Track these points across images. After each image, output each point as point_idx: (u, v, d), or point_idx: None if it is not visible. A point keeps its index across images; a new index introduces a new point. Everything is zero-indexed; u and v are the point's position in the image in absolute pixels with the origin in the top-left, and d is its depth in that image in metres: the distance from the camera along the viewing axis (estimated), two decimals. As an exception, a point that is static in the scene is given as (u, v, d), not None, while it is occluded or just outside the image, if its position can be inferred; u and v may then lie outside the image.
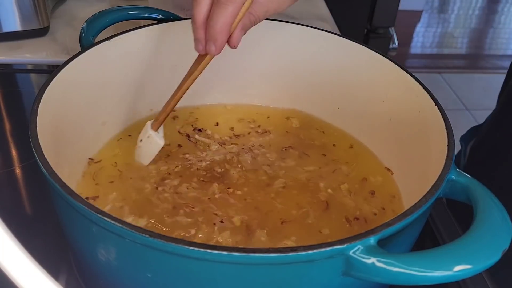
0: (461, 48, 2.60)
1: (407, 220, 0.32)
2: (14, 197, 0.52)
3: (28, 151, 0.35)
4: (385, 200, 0.47)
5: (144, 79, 0.53)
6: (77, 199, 0.31)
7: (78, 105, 0.46)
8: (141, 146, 0.47)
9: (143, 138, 0.47)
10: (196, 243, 0.29)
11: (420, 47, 2.56)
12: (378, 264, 0.29)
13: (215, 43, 0.41)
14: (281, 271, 0.30)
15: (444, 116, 0.42)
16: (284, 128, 0.55)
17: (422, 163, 0.43)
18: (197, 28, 0.42)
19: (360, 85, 0.53)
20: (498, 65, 2.44)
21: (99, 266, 0.35)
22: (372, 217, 0.45)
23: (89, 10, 0.81)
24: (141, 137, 0.47)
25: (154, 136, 0.47)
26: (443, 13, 2.89)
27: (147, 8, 0.55)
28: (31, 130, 0.37)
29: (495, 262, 0.29)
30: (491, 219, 0.31)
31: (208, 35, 0.41)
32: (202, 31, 0.42)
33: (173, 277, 0.32)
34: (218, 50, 0.42)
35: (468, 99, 2.12)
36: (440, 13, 2.88)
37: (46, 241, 0.46)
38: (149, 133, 0.47)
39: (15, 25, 0.72)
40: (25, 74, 0.72)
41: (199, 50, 0.43)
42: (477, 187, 0.35)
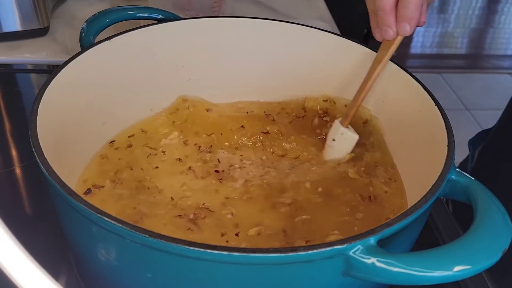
0: (461, 48, 2.60)
1: (407, 220, 0.32)
2: (14, 197, 0.52)
3: (28, 151, 0.35)
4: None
5: (144, 79, 0.53)
6: (77, 199, 0.31)
7: (78, 105, 0.46)
8: (335, 145, 0.49)
9: (335, 137, 0.49)
10: (196, 243, 0.29)
11: (420, 47, 2.56)
12: (378, 264, 0.29)
13: (410, 22, 0.43)
14: (281, 271, 0.30)
15: (444, 116, 0.42)
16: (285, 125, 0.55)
17: (422, 163, 0.43)
18: (387, 15, 0.44)
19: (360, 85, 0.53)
20: (498, 65, 2.44)
21: (99, 266, 0.35)
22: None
23: (89, 10, 0.81)
24: (333, 136, 0.49)
25: (348, 132, 0.49)
26: (443, 13, 2.89)
27: (147, 8, 0.55)
28: (31, 130, 0.37)
29: (495, 262, 0.29)
30: (491, 219, 0.31)
31: (401, 16, 0.43)
32: (392, 16, 0.44)
33: (173, 277, 0.32)
34: (413, 28, 0.44)
35: (468, 99, 2.12)
36: (440, 13, 2.88)
37: (46, 241, 0.46)
38: (342, 130, 0.49)
39: (15, 25, 0.72)
40: (25, 74, 0.72)
41: (389, 36, 0.45)
42: (477, 187, 0.35)
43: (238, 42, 0.56)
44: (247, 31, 0.55)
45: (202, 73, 0.57)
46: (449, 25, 2.77)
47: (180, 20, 0.54)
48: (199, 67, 0.56)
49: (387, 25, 0.44)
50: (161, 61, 0.54)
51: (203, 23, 0.55)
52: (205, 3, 0.72)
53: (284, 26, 0.55)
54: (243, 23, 0.55)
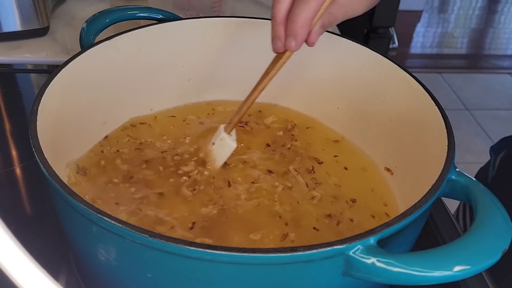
0: (461, 48, 2.60)
1: (407, 220, 0.32)
2: (14, 197, 0.52)
3: (28, 151, 0.35)
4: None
5: (144, 79, 0.53)
6: (77, 199, 0.31)
7: (78, 105, 0.46)
8: (214, 149, 0.47)
9: (215, 141, 0.47)
10: (196, 243, 0.29)
11: (420, 47, 2.56)
12: (378, 264, 0.29)
13: (295, 38, 0.41)
14: (281, 271, 0.30)
15: (444, 116, 0.42)
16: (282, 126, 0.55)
17: (422, 163, 0.43)
18: (277, 25, 0.42)
19: (360, 85, 0.53)
20: (498, 65, 2.44)
21: (99, 266, 0.35)
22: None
23: (89, 10, 0.81)
24: (214, 140, 0.47)
25: (226, 139, 0.46)
26: (443, 13, 2.89)
27: (147, 8, 0.55)
28: (31, 130, 0.37)
29: (495, 262, 0.29)
30: (491, 219, 0.31)
31: (288, 30, 0.41)
32: (282, 27, 0.42)
33: (173, 277, 0.32)
34: (298, 45, 0.41)
35: (468, 99, 2.12)
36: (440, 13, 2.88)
37: (46, 241, 0.46)
38: (222, 136, 0.46)
39: (15, 25, 0.72)
40: (25, 74, 0.72)
41: (278, 48, 0.43)
42: (477, 187, 0.35)
43: (238, 42, 0.56)
44: (247, 31, 0.55)
45: (202, 73, 0.57)
46: (449, 25, 2.78)
47: (180, 20, 0.54)
48: (199, 67, 0.56)
49: (276, 36, 0.42)
50: (161, 61, 0.54)
51: (203, 23, 0.55)
52: (205, 3, 0.72)
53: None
54: (243, 23, 0.55)
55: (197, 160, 0.48)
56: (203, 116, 0.56)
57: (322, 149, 0.53)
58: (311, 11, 0.40)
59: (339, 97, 0.55)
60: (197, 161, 0.48)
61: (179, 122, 0.55)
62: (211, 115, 0.56)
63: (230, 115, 0.50)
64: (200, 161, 0.48)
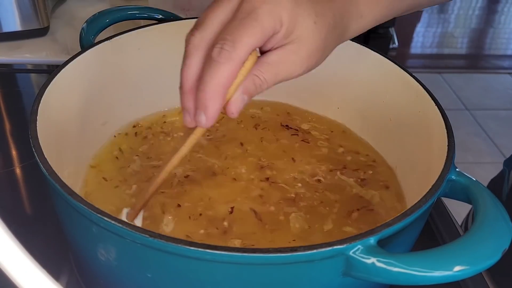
0: (461, 48, 2.60)
1: (407, 220, 0.32)
2: (14, 197, 0.52)
3: (28, 151, 0.35)
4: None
5: (144, 79, 0.53)
6: (77, 199, 0.31)
7: (78, 105, 0.46)
8: None
9: None
10: (196, 243, 0.29)
11: (420, 47, 2.56)
12: (378, 264, 0.29)
13: (205, 111, 0.32)
14: (281, 271, 0.30)
15: (444, 116, 0.42)
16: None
17: (422, 163, 0.43)
18: (185, 94, 0.33)
19: (360, 85, 0.53)
20: (498, 65, 2.44)
21: (99, 266, 0.35)
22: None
23: (89, 10, 0.81)
24: None
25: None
26: (443, 13, 2.89)
27: (147, 8, 0.55)
28: (31, 130, 0.37)
29: (495, 262, 0.29)
30: (491, 220, 0.31)
31: (197, 101, 0.32)
32: (191, 98, 0.33)
33: (173, 277, 0.32)
34: (210, 121, 0.33)
35: (468, 99, 2.12)
36: (440, 13, 2.88)
37: (46, 241, 0.46)
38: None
39: (15, 25, 0.72)
40: (25, 74, 0.72)
41: (186, 122, 0.34)
42: (478, 187, 0.35)
43: (238, 42, 0.56)
44: (247, 31, 0.55)
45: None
46: (449, 25, 2.78)
47: (180, 20, 0.54)
48: (199, 67, 0.56)
49: (184, 108, 0.33)
50: (161, 61, 0.54)
51: (203, 23, 0.54)
52: (205, 3, 0.72)
53: (284, 26, 0.55)
54: (243, 23, 0.55)
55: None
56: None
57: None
58: (223, 78, 0.32)
59: (339, 97, 0.55)
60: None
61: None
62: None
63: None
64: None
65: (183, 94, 0.33)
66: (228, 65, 0.31)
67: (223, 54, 0.31)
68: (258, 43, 0.32)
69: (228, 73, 0.32)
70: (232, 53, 0.31)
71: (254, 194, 0.46)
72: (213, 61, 0.32)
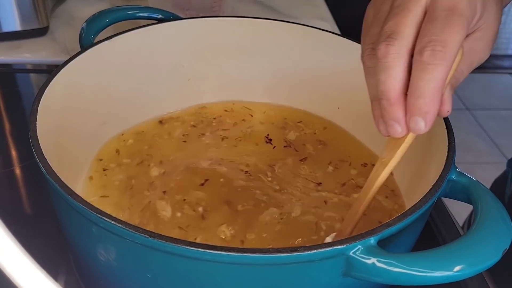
0: (461, 48, 2.60)
1: (407, 220, 0.32)
2: (14, 197, 0.52)
3: (28, 151, 0.35)
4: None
5: (144, 79, 0.53)
6: (77, 199, 0.31)
7: (78, 105, 0.46)
8: None
9: None
10: (196, 243, 0.29)
11: (420, 47, 2.56)
12: (378, 265, 0.29)
13: (425, 117, 0.31)
14: (281, 271, 0.30)
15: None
16: (283, 127, 0.55)
17: (422, 163, 0.43)
18: (393, 105, 0.32)
19: (360, 85, 0.53)
20: (498, 65, 2.44)
21: (99, 266, 0.35)
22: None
23: (89, 10, 0.81)
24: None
25: None
26: (443, 13, 2.88)
27: (147, 8, 0.55)
28: (31, 130, 0.37)
29: (495, 262, 0.29)
30: (491, 219, 0.31)
31: (413, 108, 0.31)
32: (400, 108, 0.32)
33: (173, 277, 0.32)
34: (429, 125, 0.32)
35: (468, 99, 2.12)
36: (440, 13, 2.88)
37: (46, 241, 0.46)
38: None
39: (15, 25, 0.72)
40: (25, 74, 0.72)
41: (397, 133, 0.33)
42: (478, 187, 0.35)
43: (238, 42, 0.56)
44: (247, 31, 0.55)
45: (202, 73, 0.57)
46: (449, 25, 2.77)
47: (180, 20, 0.54)
48: (199, 67, 0.56)
49: (393, 119, 0.32)
50: (161, 61, 0.54)
51: (203, 23, 0.55)
52: (205, 3, 0.72)
53: (284, 26, 0.55)
54: (243, 23, 0.55)
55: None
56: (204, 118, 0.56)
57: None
58: (440, 80, 0.31)
59: (339, 97, 0.55)
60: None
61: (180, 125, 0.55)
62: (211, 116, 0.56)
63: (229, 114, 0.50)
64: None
65: (391, 106, 0.32)
66: (443, 66, 0.31)
67: (437, 56, 0.31)
68: (464, 37, 0.32)
69: (444, 74, 0.31)
70: (447, 53, 0.31)
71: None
72: (427, 64, 0.31)
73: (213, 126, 0.55)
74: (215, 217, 0.42)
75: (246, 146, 0.52)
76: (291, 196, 0.45)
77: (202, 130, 0.54)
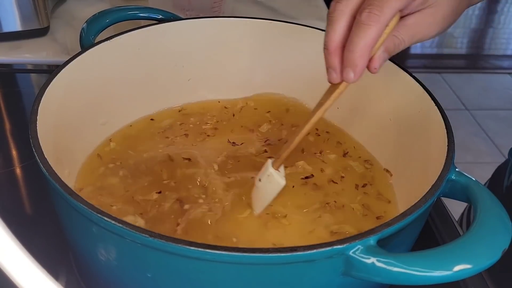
0: (461, 48, 2.60)
1: (407, 220, 0.32)
2: (14, 197, 0.52)
3: (28, 151, 0.35)
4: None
5: (144, 79, 0.53)
6: (77, 199, 0.31)
7: (78, 105, 0.46)
8: (260, 186, 0.43)
9: (262, 177, 0.42)
10: (196, 243, 0.29)
11: (420, 47, 2.56)
12: (378, 264, 0.29)
13: (354, 69, 0.37)
14: (281, 271, 0.30)
15: (444, 116, 0.42)
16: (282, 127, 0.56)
17: (422, 163, 0.43)
18: (331, 54, 0.37)
19: (360, 85, 0.53)
20: (498, 65, 2.44)
21: (99, 266, 0.35)
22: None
23: (89, 10, 0.81)
24: (260, 176, 0.42)
25: (274, 175, 0.42)
26: (443, 13, 2.88)
27: (147, 8, 0.55)
28: (31, 130, 0.37)
29: (495, 262, 0.29)
30: (491, 219, 0.31)
31: (346, 60, 0.37)
32: (336, 57, 0.37)
33: (173, 277, 0.32)
34: (357, 76, 0.37)
35: (468, 99, 2.12)
36: (440, 13, 2.88)
37: (46, 241, 0.46)
38: (270, 172, 0.42)
39: (15, 25, 0.72)
40: (25, 74, 0.72)
41: (333, 79, 0.38)
42: (477, 187, 0.35)
43: (238, 42, 0.56)
44: (247, 31, 0.55)
45: (202, 73, 0.57)
46: (449, 25, 2.77)
47: (180, 20, 0.54)
48: (199, 67, 0.56)
49: (331, 67, 0.38)
50: (161, 61, 0.54)
51: (203, 23, 0.55)
52: (205, 3, 0.72)
53: (284, 26, 0.55)
54: (243, 23, 0.55)
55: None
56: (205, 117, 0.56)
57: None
58: (371, 39, 0.36)
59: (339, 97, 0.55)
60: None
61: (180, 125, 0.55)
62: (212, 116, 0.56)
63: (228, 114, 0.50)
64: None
65: (329, 55, 0.38)
66: (376, 27, 0.35)
67: (372, 18, 0.35)
68: (402, 7, 0.37)
69: (375, 35, 0.36)
70: (381, 17, 0.35)
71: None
72: (362, 24, 0.36)
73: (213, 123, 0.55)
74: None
75: (246, 147, 0.52)
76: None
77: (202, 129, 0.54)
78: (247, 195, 0.44)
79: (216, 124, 0.55)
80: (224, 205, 0.44)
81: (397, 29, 0.38)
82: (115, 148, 0.50)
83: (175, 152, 0.50)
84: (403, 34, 0.39)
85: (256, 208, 0.43)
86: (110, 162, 0.48)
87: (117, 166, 0.48)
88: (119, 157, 0.49)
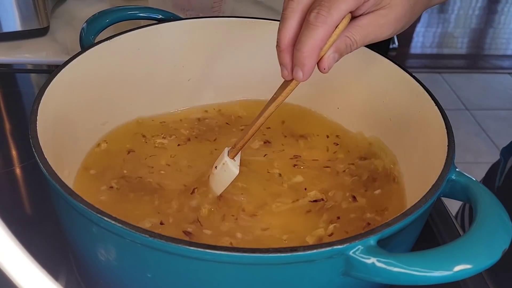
0: (461, 48, 2.60)
1: (407, 220, 0.32)
2: (14, 197, 0.52)
3: (28, 151, 0.35)
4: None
5: (144, 79, 0.53)
6: (77, 199, 0.31)
7: (78, 105, 0.46)
8: (216, 174, 0.44)
9: (218, 165, 0.44)
10: (196, 243, 0.29)
11: (420, 47, 2.56)
12: (378, 264, 0.29)
13: (302, 68, 0.37)
14: (281, 271, 0.30)
15: (444, 116, 0.42)
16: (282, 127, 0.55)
17: (422, 163, 0.43)
18: (282, 52, 0.38)
19: (360, 85, 0.53)
20: (498, 65, 2.44)
21: (99, 266, 0.35)
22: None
23: (89, 10, 0.81)
24: (216, 164, 0.44)
25: (229, 164, 0.43)
26: (443, 13, 2.89)
27: (147, 8, 0.55)
28: (31, 130, 0.37)
29: (495, 262, 0.29)
30: (491, 219, 0.31)
31: (295, 59, 0.37)
32: (287, 55, 0.38)
33: (173, 277, 0.32)
34: (306, 76, 0.38)
35: (468, 99, 2.12)
36: (440, 13, 2.88)
37: (46, 241, 0.46)
38: (225, 160, 0.43)
39: (15, 25, 0.72)
40: (25, 74, 0.72)
41: (284, 76, 0.39)
42: (477, 187, 0.35)
43: (238, 42, 0.56)
44: (247, 31, 0.55)
45: (202, 73, 0.57)
46: (449, 25, 2.78)
47: (180, 20, 0.54)
48: (199, 67, 0.56)
49: (282, 63, 0.39)
50: (161, 61, 0.54)
51: (203, 23, 0.55)
52: (205, 3, 0.72)
53: (284, 26, 0.55)
54: (243, 23, 0.55)
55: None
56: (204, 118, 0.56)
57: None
58: (318, 39, 0.36)
59: (339, 97, 0.55)
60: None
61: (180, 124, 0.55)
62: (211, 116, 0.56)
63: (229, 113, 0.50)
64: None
65: (281, 52, 0.38)
66: (323, 28, 0.36)
67: (319, 19, 0.36)
68: (351, 9, 0.37)
69: (322, 35, 0.36)
70: (328, 18, 0.36)
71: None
72: (310, 24, 0.36)
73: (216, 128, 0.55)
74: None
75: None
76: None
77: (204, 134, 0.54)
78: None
79: (218, 131, 0.55)
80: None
81: (349, 29, 0.38)
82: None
83: (174, 154, 0.50)
84: (356, 35, 0.39)
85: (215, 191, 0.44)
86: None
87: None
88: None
